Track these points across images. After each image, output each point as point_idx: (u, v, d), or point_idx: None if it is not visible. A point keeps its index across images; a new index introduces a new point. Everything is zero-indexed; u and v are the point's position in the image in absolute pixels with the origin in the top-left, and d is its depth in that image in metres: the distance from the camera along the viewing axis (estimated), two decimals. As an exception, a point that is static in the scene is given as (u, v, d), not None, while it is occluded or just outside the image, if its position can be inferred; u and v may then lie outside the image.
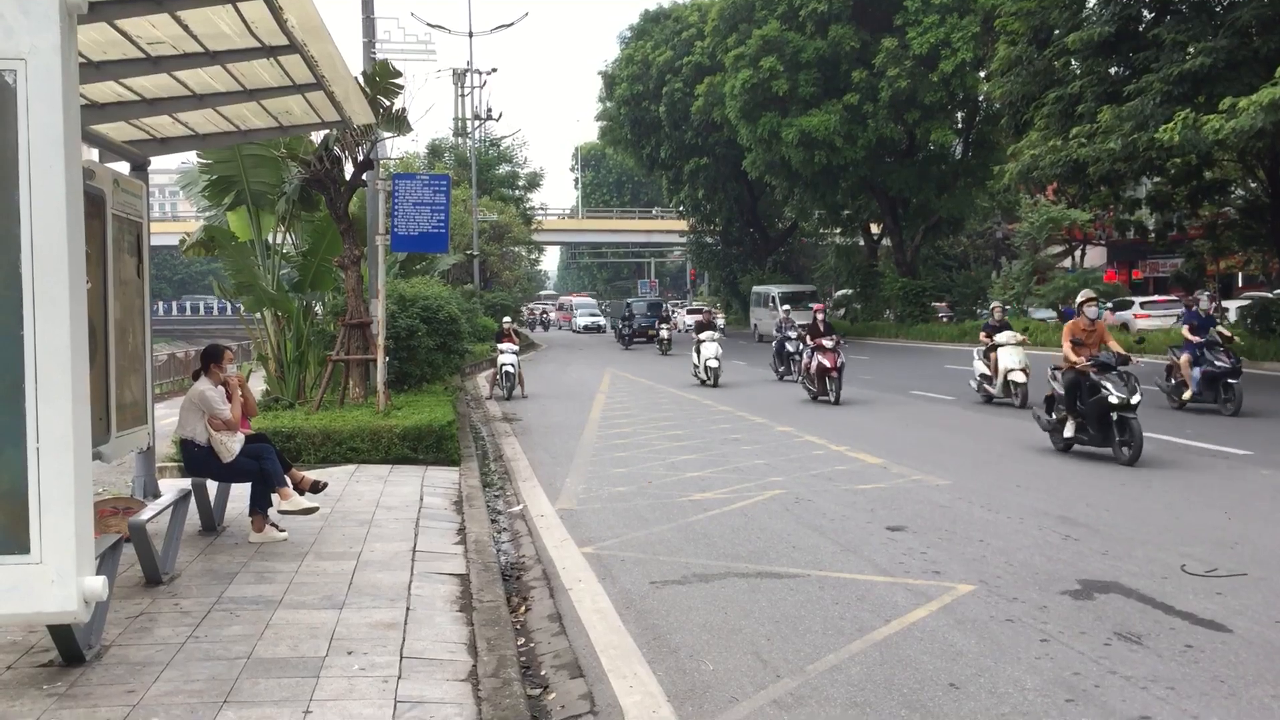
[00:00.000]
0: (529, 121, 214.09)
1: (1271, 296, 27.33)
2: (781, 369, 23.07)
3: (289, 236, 16.30)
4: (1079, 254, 40.27)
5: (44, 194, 3.99)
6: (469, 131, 50.95)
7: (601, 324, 63.32)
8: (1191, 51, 19.05)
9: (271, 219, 15.48)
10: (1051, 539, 7.71)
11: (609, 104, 53.78)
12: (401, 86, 13.44)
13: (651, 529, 8.50)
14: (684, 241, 68.41)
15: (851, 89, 36.96)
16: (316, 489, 8.11)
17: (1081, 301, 11.81)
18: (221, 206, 15.68)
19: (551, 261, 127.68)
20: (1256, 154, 21.94)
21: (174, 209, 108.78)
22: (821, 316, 18.48)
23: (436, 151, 51.81)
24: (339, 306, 14.84)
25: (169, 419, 10.07)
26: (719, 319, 45.57)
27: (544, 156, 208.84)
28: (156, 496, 7.75)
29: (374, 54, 16.47)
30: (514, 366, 20.62)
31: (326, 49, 6.17)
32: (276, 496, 7.67)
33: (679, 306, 64.10)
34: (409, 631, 5.56)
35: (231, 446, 7.64)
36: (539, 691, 5.14)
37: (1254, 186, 25.06)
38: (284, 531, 7.78)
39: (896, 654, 5.32)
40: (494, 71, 56.52)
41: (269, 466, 7.65)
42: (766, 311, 41.26)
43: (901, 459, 11.54)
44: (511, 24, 48.73)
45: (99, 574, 4.37)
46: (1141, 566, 6.86)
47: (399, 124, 14.41)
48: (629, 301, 51.17)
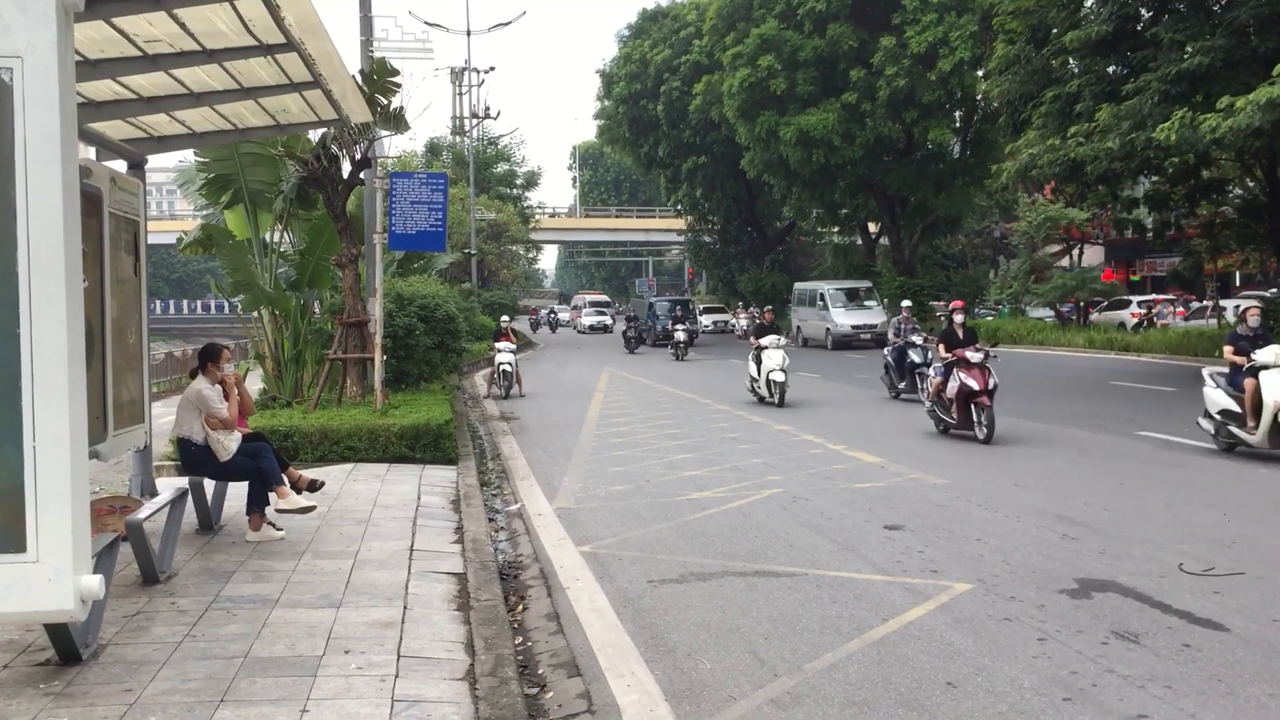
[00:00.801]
0: (527, 120, 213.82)
1: (1269, 295, 27.36)
2: (903, 385, 18.16)
3: (286, 235, 16.28)
4: (1077, 253, 40.23)
5: (41, 192, 3.98)
6: (467, 130, 50.95)
7: (608, 324, 59.74)
8: (1189, 51, 19.04)
9: (269, 217, 15.48)
10: (1049, 538, 7.72)
11: (607, 103, 53.74)
12: (399, 85, 13.45)
13: (649, 528, 8.50)
14: (682, 240, 68.24)
15: (849, 88, 36.95)
16: (314, 488, 8.10)
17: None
18: (219, 205, 15.69)
19: (549, 260, 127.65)
20: (1254, 153, 21.94)
21: (171, 207, 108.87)
22: (961, 319, 14.01)
23: (434, 150, 51.84)
24: (336, 305, 14.83)
25: (166, 418, 10.06)
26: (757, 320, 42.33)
27: (542, 155, 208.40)
28: (154, 495, 7.73)
29: (371, 52, 16.45)
30: (512, 365, 20.70)
31: (324, 47, 6.16)
32: (274, 495, 7.66)
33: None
34: (406, 630, 5.55)
35: (229, 445, 7.63)
36: (536, 690, 5.14)
37: (1251, 185, 25.06)
38: (281, 530, 7.78)
39: (894, 653, 5.33)
40: (492, 70, 56.32)
41: (266, 465, 7.64)
42: (813, 311, 37.35)
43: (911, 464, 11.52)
44: (509, 22, 48.62)
45: (96, 572, 4.36)
46: (1139, 565, 6.86)
47: (397, 122, 14.42)
48: (652, 300, 47.09)
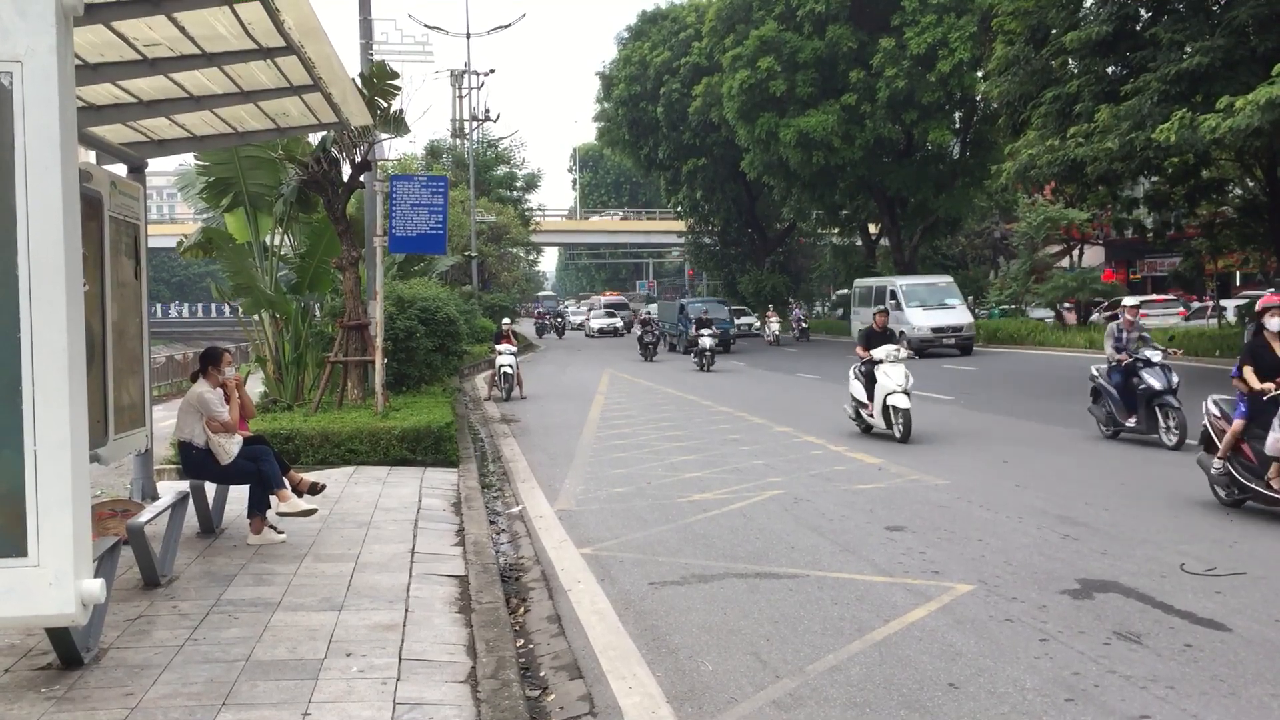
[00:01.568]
0: (527, 122, 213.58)
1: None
2: (1131, 421, 12.37)
3: (287, 238, 16.29)
4: (1077, 253, 40.23)
5: (41, 196, 3.98)
6: (467, 133, 50.97)
7: (619, 326, 55.51)
8: (1189, 51, 19.04)
9: (269, 221, 15.48)
10: (1050, 538, 7.71)
11: (607, 105, 53.76)
12: (399, 88, 13.44)
13: (650, 530, 8.49)
14: (682, 242, 68.24)
15: (849, 89, 36.94)
16: (315, 491, 8.10)
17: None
18: (219, 208, 15.69)
19: (550, 262, 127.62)
20: (1254, 153, 21.92)
21: (172, 211, 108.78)
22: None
23: (434, 153, 51.78)
24: (337, 308, 14.83)
25: (167, 421, 10.04)
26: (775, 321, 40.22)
27: (542, 157, 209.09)
28: (155, 499, 7.74)
29: (371, 55, 16.43)
30: (512, 368, 20.72)
31: (323, 50, 6.17)
32: (275, 498, 7.66)
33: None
34: (408, 633, 5.55)
35: (230, 448, 7.63)
36: (538, 693, 5.14)
37: (1251, 185, 25.05)
38: (282, 533, 7.78)
39: (896, 654, 5.32)
40: (492, 73, 56.58)
41: (267, 468, 7.64)
42: None
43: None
44: (509, 25, 48.42)
45: (97, 576, 4.37)
46: (1140, 565, 6.86)
47: (396, 125, 14.42)
48: (683, 301, 40.51)
